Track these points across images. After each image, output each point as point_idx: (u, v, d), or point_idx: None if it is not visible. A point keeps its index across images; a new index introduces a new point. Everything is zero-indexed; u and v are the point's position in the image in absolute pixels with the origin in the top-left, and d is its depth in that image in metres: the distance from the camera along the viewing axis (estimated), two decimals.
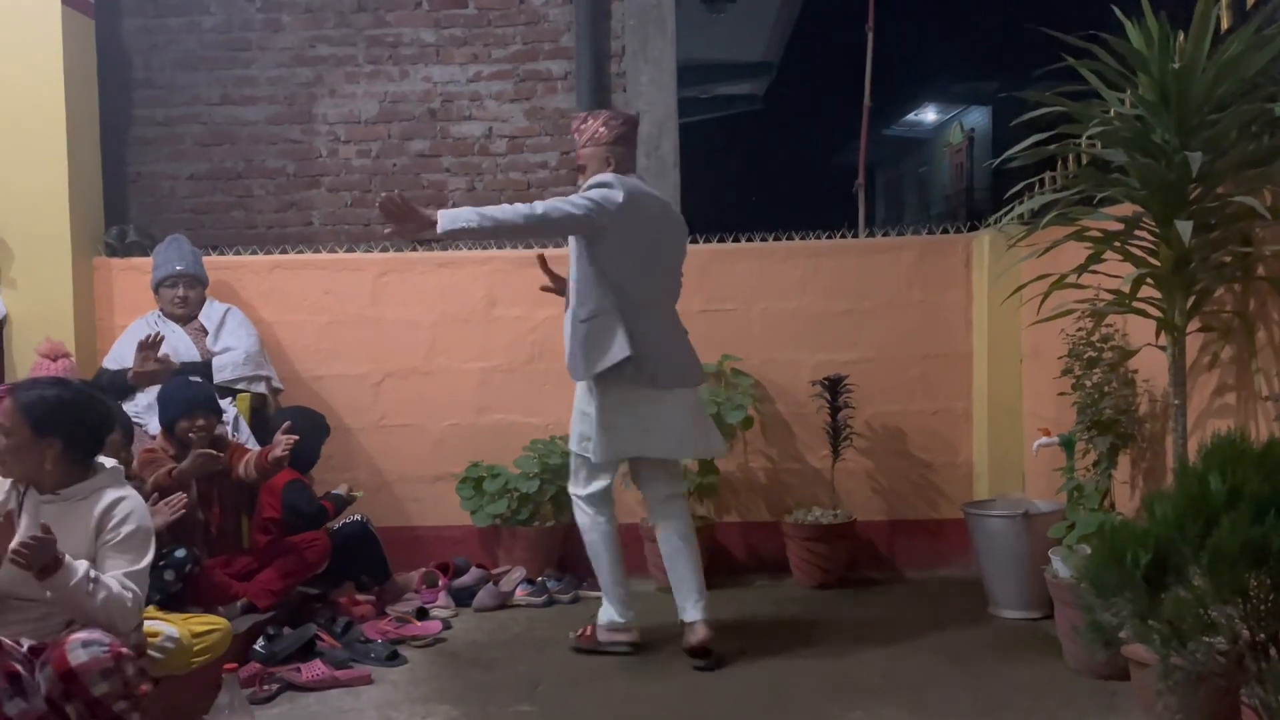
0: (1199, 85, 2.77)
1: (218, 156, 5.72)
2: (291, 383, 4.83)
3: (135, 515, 2.75)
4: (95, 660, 2.41)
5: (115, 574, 2.63)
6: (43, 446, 2.69)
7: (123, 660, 2.47)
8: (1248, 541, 1.75)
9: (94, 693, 2.40)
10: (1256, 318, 2.92)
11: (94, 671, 2.40)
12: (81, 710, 2.41)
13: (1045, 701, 3.15)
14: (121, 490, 2.80)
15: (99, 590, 2.56)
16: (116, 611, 2.59)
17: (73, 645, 2.43)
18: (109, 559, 2.67)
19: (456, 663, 3.71)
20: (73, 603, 2.54)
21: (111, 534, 2.69)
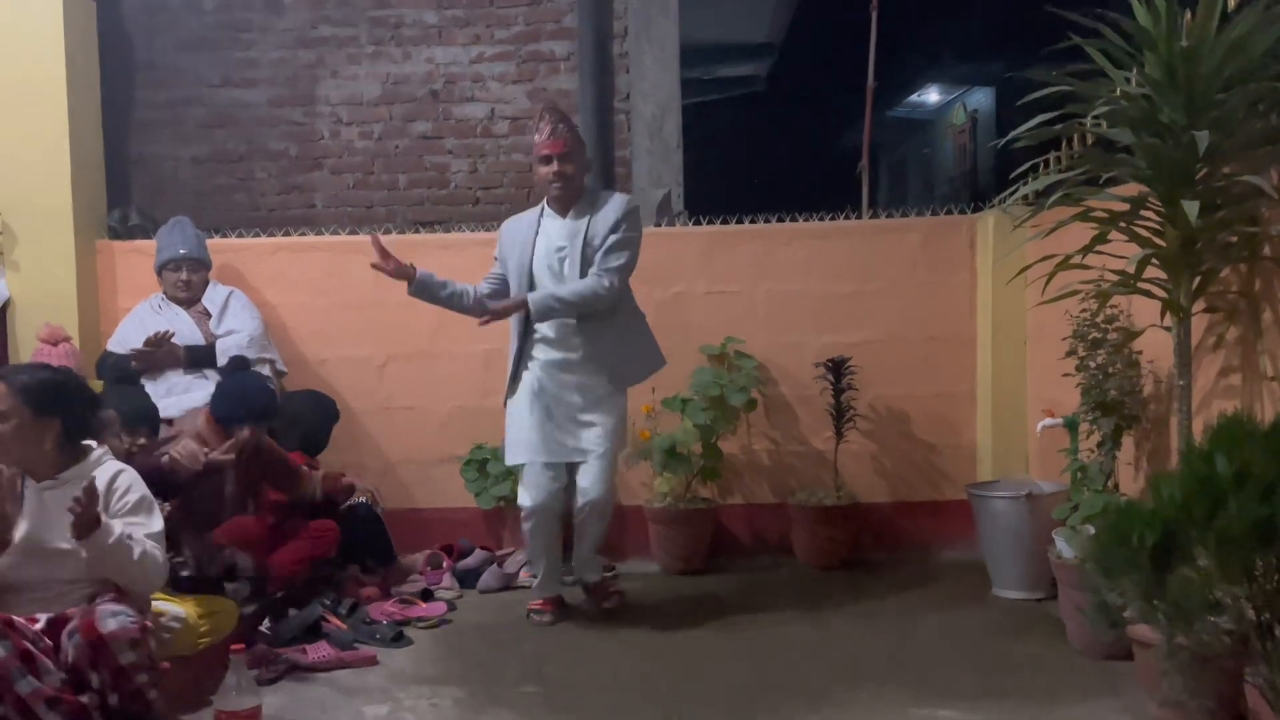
0: (1207, 64, 2.76)
1: (220, 139, 5.71)
2: (295, 366, 4.83)
3: (137, 484, 2.83)
4: (124, 629, 2.46)
5: (140, 534, 2.69)
6: (42, 428, 2.72)
7: (148, 633, 2.54)
8: (1255, 522, 1.75)
9: (120, 661, 2.45)
10: (1262, 298, 2.91)
11: (122, 640, 2.45)
12: (106, 678, 2.45)
13: (1048, 681, 3.15)
14: (117, 465, 2.85)
15: (135, 546, 2.63)
16: (152, 567, 2.68)
17: (102, 614, 2.48)
18: (127, 524, 2.71)
19: (462, 644, 3.73)
20: (113, 561, 2.59)
21: (120, 503, 2.75)
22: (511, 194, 5.72)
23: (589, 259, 3.78)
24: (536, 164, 3.90)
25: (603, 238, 3.77)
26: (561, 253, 3.82)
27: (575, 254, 3.79)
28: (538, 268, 3.85)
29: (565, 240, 3.83)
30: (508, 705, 3.11)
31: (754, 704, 3.05)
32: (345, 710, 3.10)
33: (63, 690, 2.39)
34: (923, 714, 2.93)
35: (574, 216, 3.85)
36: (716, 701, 3.09)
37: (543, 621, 3.88)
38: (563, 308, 3.72)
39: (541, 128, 3.83)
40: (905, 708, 2.98)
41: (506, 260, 3.95)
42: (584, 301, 3.72)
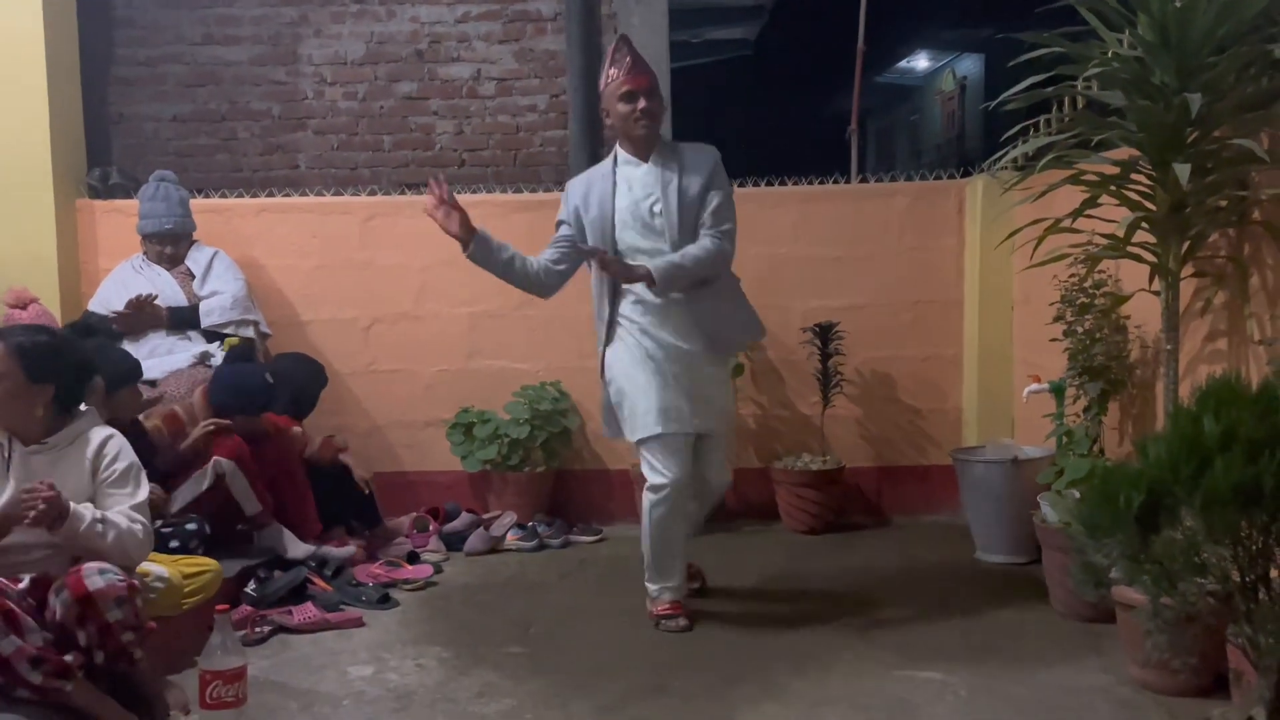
0: (1199, 26, 2.73)
1: (201, 98, 5.64)
2: (280, 327, 4.79)
3: (125, 450, 2.79)
4: (111, 586, 2.45)
5: (120, 509, 2.66)
6: (36, 392, 2.68)
7: (135, 591, 2.52)
8: (1241, 483, 1.75)
9: (108, 618, 2.44)
10: (1250, 262, 2.91)
11: (110, 597, 2.44)
12: (93, 635, 2.44)
13: (1031, 643, 3.18)
14: (105, 430, 2.81)
15: (109, 530, 2.60)
16: (130, 545, 2.64)
17: (89, 571, 2.47)
18: (110, 495, 2.69)
19: (448, 606, 3.73)
20: (86, 546, 2.58)
21: (108, 471, 2.72)
22: (497, 156, 5.67)
23: (686, 211, 3.33)
24: (615, 102, 3.37)
25: (701, 193, 3.35)
26: (652, 200, 3.36)
27: (671, 204, 3.33)
28: (621, 220, 3.38)
29: (655, 188, 3.36)
30: (493, 666, 3.11)
31: (739, 667, 3.07)
32: (331, 671, 3.10)
33: (46, 649, 2.38)
34: (906, 675, 2.95)
35: (656, 163, 3.39)
36: (701, 664, 3.10)
37: (678, 628, 3.37)
38: (687, 275, 3.30)
39: (619, 59, 3.35)
40: (889, 669, 3.00)
41: (582, 218, 3.45)
42: (706, 267, 3.32)
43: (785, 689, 2.90)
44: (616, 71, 3.36)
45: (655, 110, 3.35)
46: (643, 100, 3.32)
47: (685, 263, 3.28)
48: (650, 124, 3.35)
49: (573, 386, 4.84)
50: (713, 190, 3.36)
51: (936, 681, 2.90)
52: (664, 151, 3.41)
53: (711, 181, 3.37)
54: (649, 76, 3.35)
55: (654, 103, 3.34)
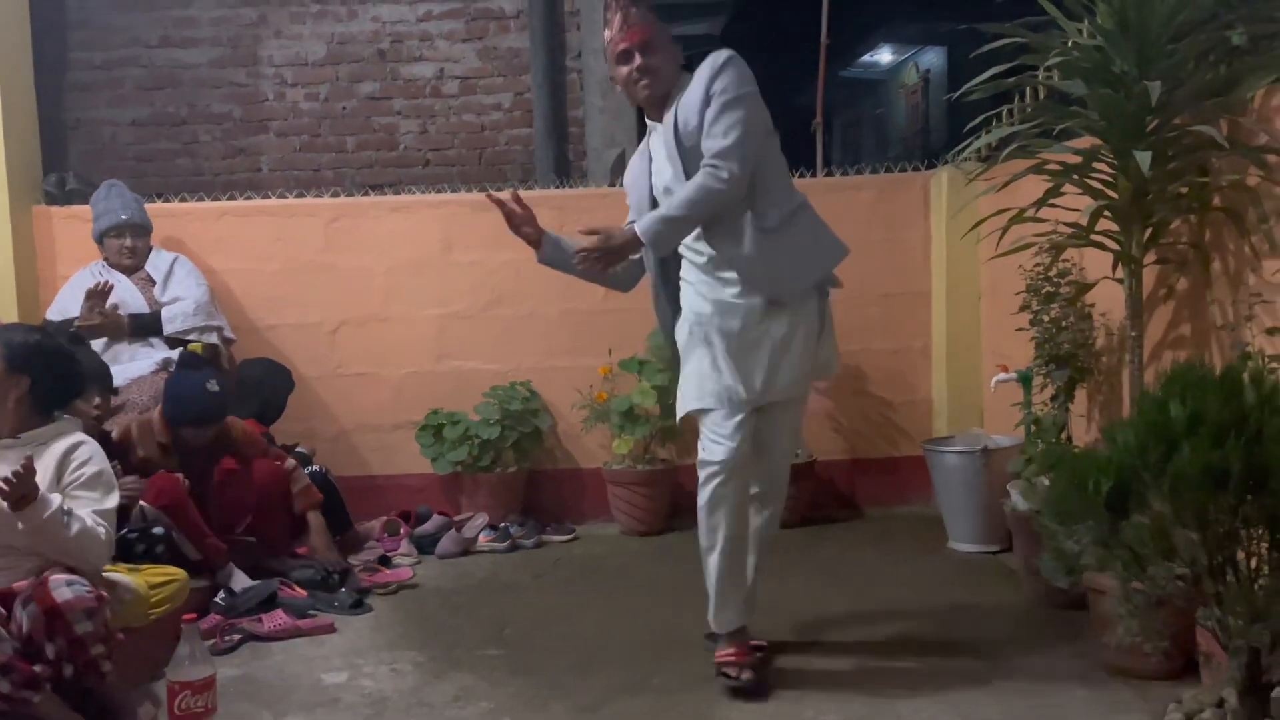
0: (1158, 13, 2.75)
1: (160, 101, 5.57)
2: (244, 333, 4.73)
3: (97, 457, 2.77)
4: (80, 599, 2.43)
5: (85, 510, 2.63)
6: (9, 384, 2.67)
7: (103, 603, 2.50)
8: (1207, 466, 1.76)
9: (77, 630, 2.41)
10: (1212, 248, 2.93)
11: (78, 609, 2.42)
12: (62, 648, 2.41)
13: (1005, 631, 3.20)
14: (80, 436, 2.80)
15: (73, 522, 2.56)
16: (90, 544, 2.60)
17: (56, 583, 2.44)
18: (76, 498, 2.66)
19: (421, 609, 3.70)
20: (47, 535, 2.53)
21: (75, 474, 2.69)
22: (462, 155, 5.64)
23: (691, 154, 2.79)
24: (613, 65, 2.94)
25: (698, 116, 2.76)
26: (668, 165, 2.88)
27: (674, 157, 2.83)
28: (659, 197, 2.90)
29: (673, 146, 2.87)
30: (468, 668, 3.09)
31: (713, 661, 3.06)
32: (303, 678, 3.07)
33: (14, 659, 2.34)
34: (881, 665, 2.96)
35: (672, 117, 2.87)
36: (677, 660, 3.10)
37: (736, 682, 2.82)
38: (675, 226, 2.76)
39: (610, 19, 2.92)
40: (864, 661, 3.01)
41: (631, 201, 3.06)
42: (696, 206, 2.72)
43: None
44: (609, 32, 2.93)
45: (654, 66, 2.84)
46: (638, 57, 2.84)
47: (672, 212, 2.74)
48: (651, 82, 2.86)
49: (543, 386, 4.81)
50: (708, 106, 2.75)
51: (911, 671, 2.91)
52: (677, 95, 2.86)
53: (708, 96, 2.75)
54: (642, 30, 2.84)
55: (651, 58, 2.83)
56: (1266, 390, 1.82)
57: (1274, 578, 1.79)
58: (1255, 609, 1.80)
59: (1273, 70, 2.70)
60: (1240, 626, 1.83)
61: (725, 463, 2.87)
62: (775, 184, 2.89)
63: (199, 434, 3.80)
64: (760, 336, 2.84)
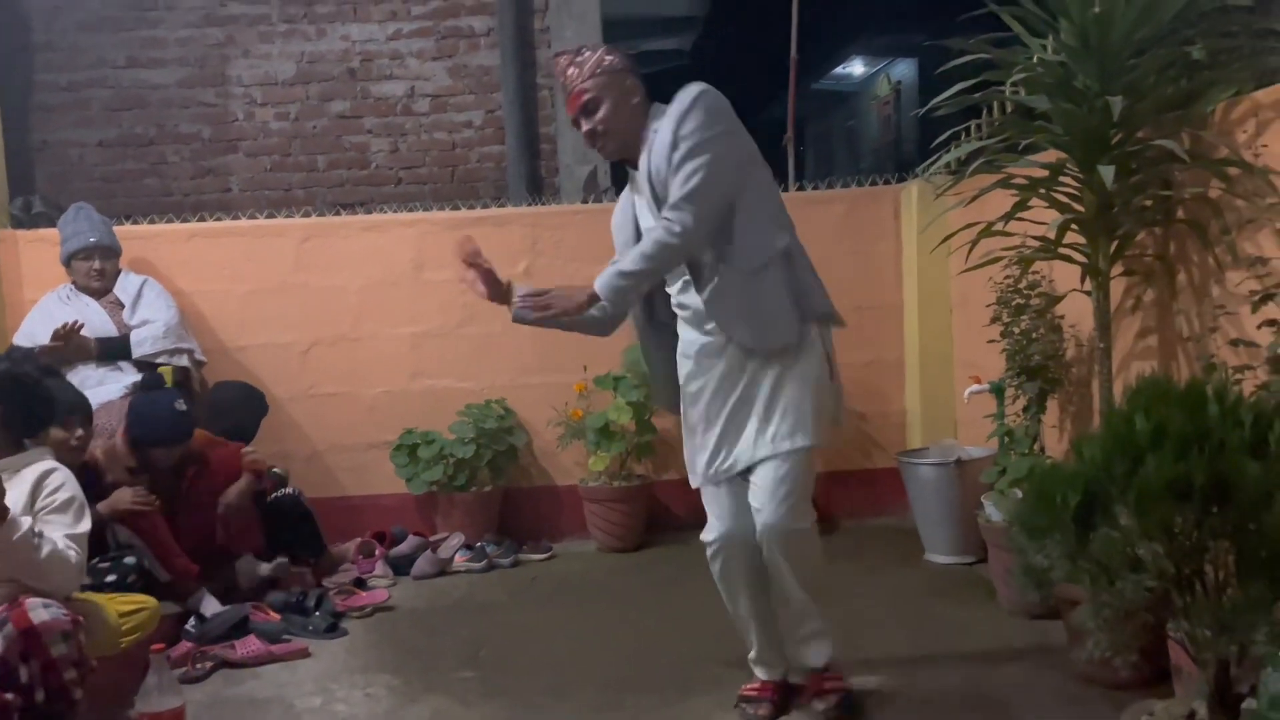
0: (1118, 29, 2.79)
1: (128, 122, 5.53)
2: (215, 354, 4.70)
3: (70, 484, 2.76)
4: (56, 621, 2.41)
5: (58, 534, 2.63)
6: None
7: (78, 626, 2.49)
8: (1172, 479, 1.77)
9: (52, 653, 2.39)
10: (1177, 260, 2.97)
11: (55, 631, 2.40)
12: (35, 672, 2.39)
13: (980, 642, 3.21)
14: (52, 463, 2.79)
15: (44, 544, 2.55)
16: (59, 568, 2.59)
17: (33, 605, 2.42)
18: (48, 523, 2.65)
19: (396, 631, 3.67)
20: (18, 557, 2.52)
21: (48, 499, 2.69)
22: (434, 173, 5.63)
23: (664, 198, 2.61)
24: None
25: (668, 162, 2.58)
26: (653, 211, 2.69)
27: (652, 205, 2.66)
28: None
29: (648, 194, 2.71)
30: (443, 691, 3.07)
31: (691, 678, 3.06)
32: (276, 705, 3.04)
33: None
34: (860, 680, 2.95)
35: (644, 162, 2.71)
36: (654, 678, 3.09)
37: (758, 715, 2.77)
38: (631, 280, 2.58)
39: (560, 84, 2.79)
40: (844, 673, 3.00)
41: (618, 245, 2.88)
42: (651, 260, 2.57)
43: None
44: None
45: (603, 128, 2.68)
46: (584, 123, 2.72)
47: (627, 267, 2.58)
48: (605, 143, 2.72)
49: (517, 403, 4.80)
50: (674, 151, 2.58)
51: (889, 684, 2.91)
52: (650, 135, 2.68)
53: (675, 141, 2.58)
54: (580, 93, 2.68)
55: (599, 118, 2.67)
56: (1229, 403, 1.83)
57: (1240, 590, 1.80)
58: (1223, 621, 1.81)
59: (1232, 84, 2.74)
60: (1208, 639, 1.84)
61: (716, 541, 2.80)
62: (756, 224, 2.65)
63: (167, 454, 3.78)
64: (739, 389, 2.67)
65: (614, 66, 2.69)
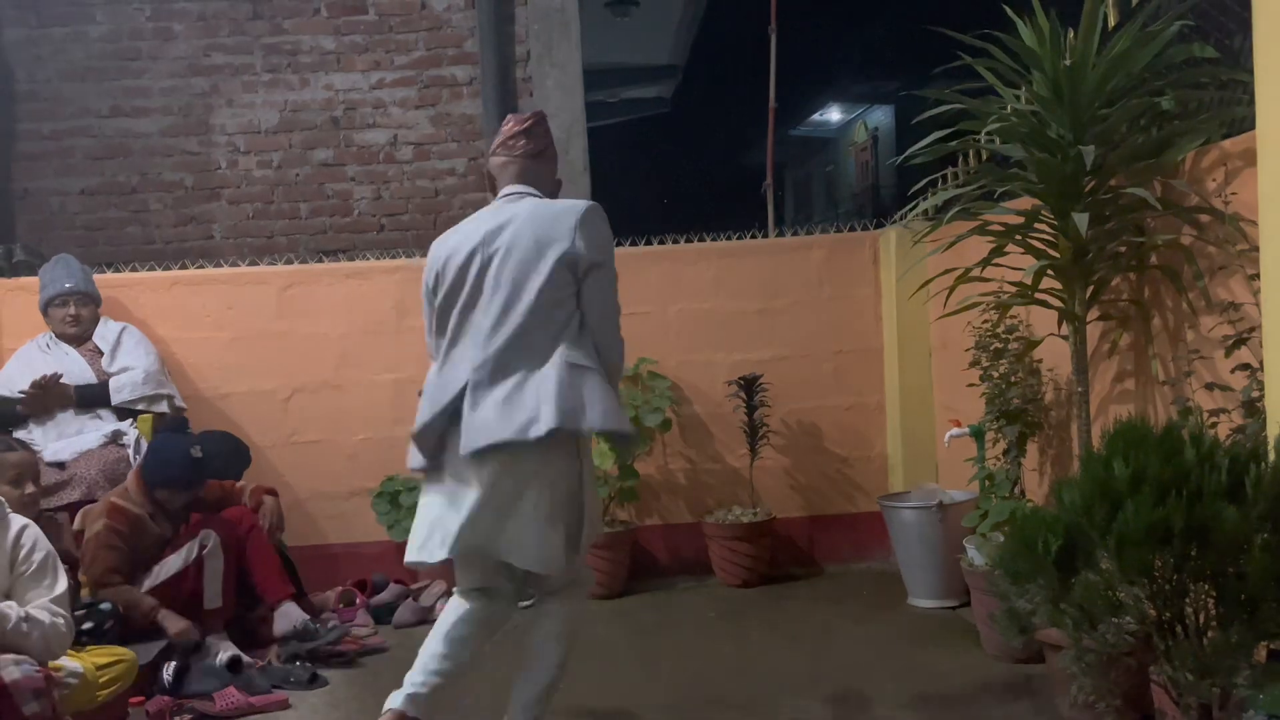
0: (1090, 81, 2.85)
1: (110, 170, 5.54)
2: (195, 402, 4.67)
3: (41, 541, 2.77)
4: (29, 679, 2.41)
5: (40, 603, 2.64)
6: None
7: (52, 683, 2.49)
8: (1151, 523, 1.80)
9: (24, 711, 2.38)
10: (1151, 305, 3.01)
11: (27, 690, 2.40)
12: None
13: (965, 688, 3.20)
14: (19, 520, 2.78)
15: (34, 629, 2.58)
16: (54, 642, 2.64)
17: (4, 663, 2.42)
18: (30, 589, 2.66)
19: (378, 682, 3.62)
20: (10, 644, 2.53)
21: (25, 564, 2.69)
22: (417, 220, 5.66)
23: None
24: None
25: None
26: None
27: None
28: None
29: None
30: None
31: None
32: None
33: None
34: None
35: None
36: None
37: None
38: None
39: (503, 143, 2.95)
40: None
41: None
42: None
43: None
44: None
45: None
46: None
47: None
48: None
49: None
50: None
51: None
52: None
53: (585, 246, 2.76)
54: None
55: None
56: (1205, 448, 1.86)
57: (1221, 633, 1.82)
58: (1204, 664, 1.82)
59: (1201, 134, 2.80)
60: (1190, 682, 1.85)
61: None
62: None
63: (175, 498, 3.79)
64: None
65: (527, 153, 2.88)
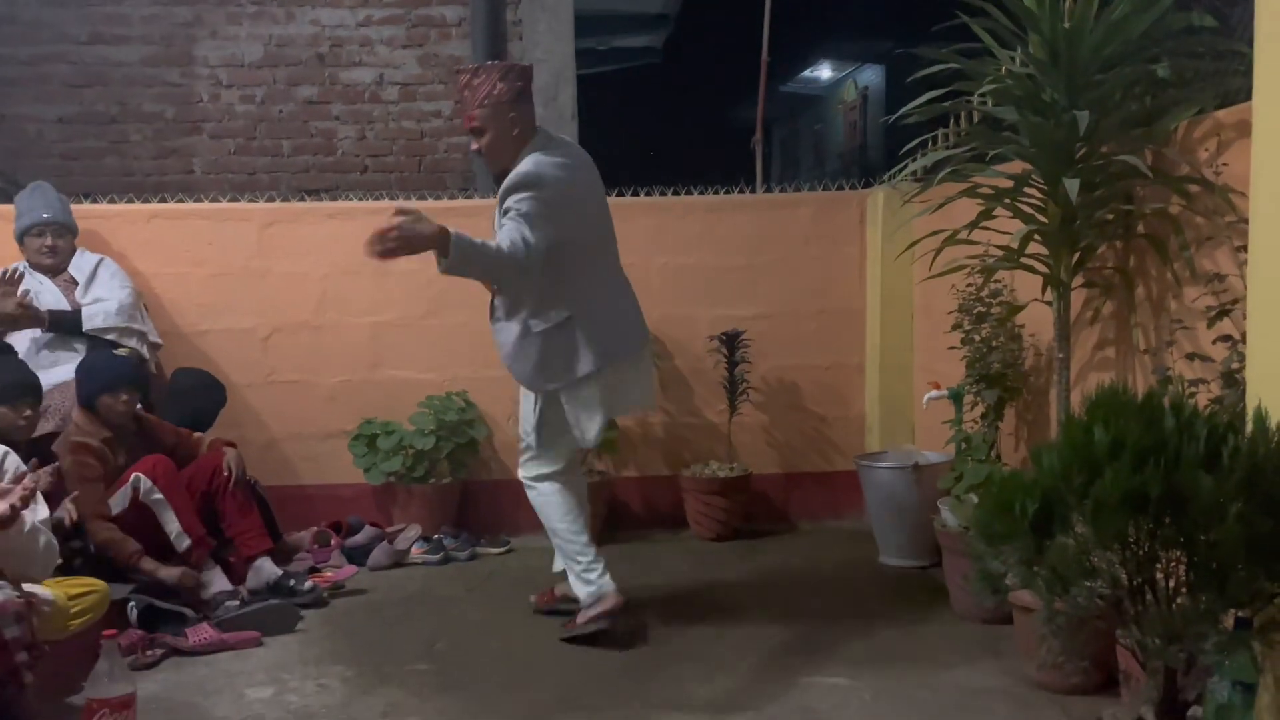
0: (1087, 45, 2.83)
1: (89, 99, 5.43)
2: (172, 338, 4.63)
3: (20, 465, 2.81)
4: (10, 601, 2.41)
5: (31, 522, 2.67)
6: None
7: (31, 608, 2.50)
8: (1128, 490, 1.80)
9: (5, 635, 2.38)
10: (1136, 274, 3.02)
11: (8, 613, 2.39)
12: None
13: (933, 646, 3.24)
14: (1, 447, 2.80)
15: (40, 534, 2.64)
16: (48, 555, 2.72)
17: None
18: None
19: (350, 623, 3.65)
20: (21, 550, 2.60)
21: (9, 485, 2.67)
22: (401, 162, 5.59)
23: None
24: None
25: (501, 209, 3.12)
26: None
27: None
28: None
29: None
30: (398, 684, 3.05)
31: (649, 676, 3.06)
32: (227, 693, 3.00)
33: None
34: (813, 681, 2.98)
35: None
36: (611, 675, 3.09)
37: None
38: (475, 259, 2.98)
39: (458, 99, 3.27)
40: (796, 675, 3.03)
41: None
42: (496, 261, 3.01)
43: (693, 698, 2.90)
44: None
45: (482, 150, 3.18)
46: (473, 141, 3.21)
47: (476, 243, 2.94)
48: (487, 160, 3.23)
49: (479, 396, 4.78)
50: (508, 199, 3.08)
51: (841, 686, 2.94)
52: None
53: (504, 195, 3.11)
54: (469, 119, 3.17)
55: (483, 140, 3.15)
56: (1185, 416, 1.87)
57: (1190, 600, 1.84)
58: (1172, 630, 1.85)
59: (1195, 103, 2.79)
60: (1158, 647, 1.87)
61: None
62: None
63: (116, 403, 3.69)
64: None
65: (501, 98, 3.11)
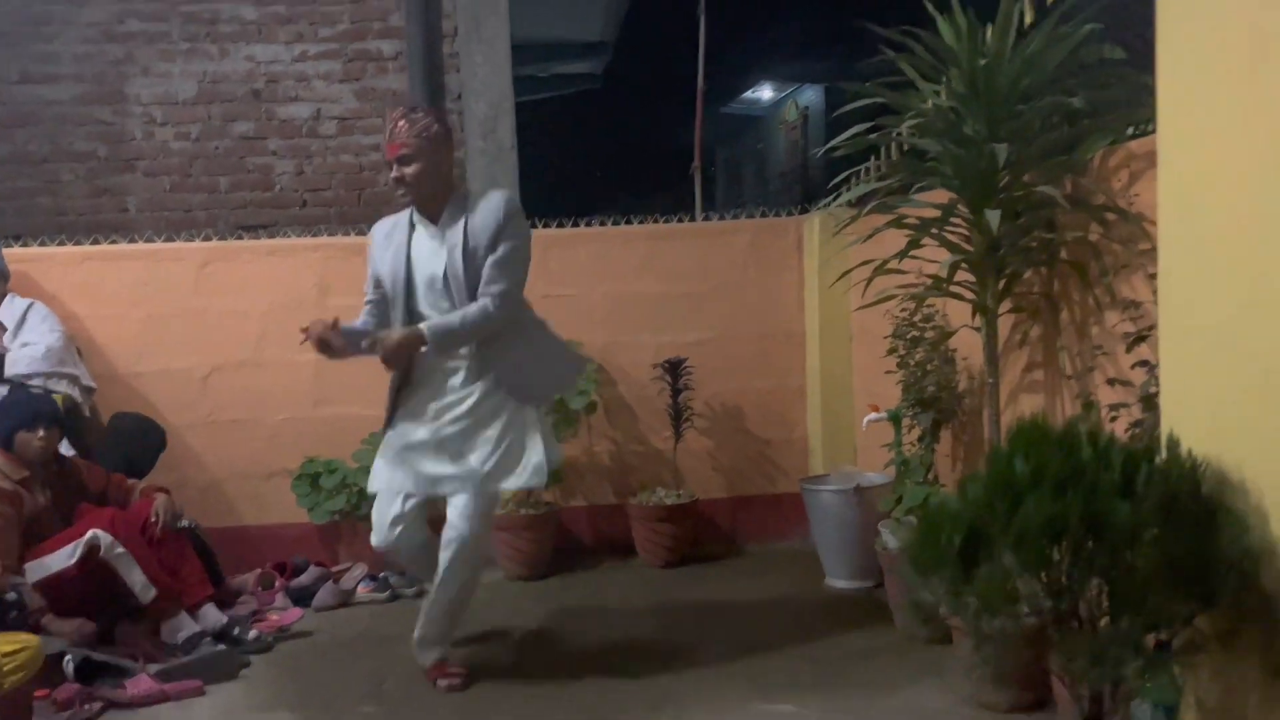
0: (1004, 78, 2.92)
1: (20, 139, 5.36)
2: (108, 381, 4.56)
3: None
4: None
5: None
6: None
7: None
8: (1049, 518, 1.86)
9: None
10: (1060, 299, 3.10)
11: None
12: None
13: (878, 668, 3.28)
14: None
15: None
16: None
17: None
18: None
19: (297, 665, 3.61)
20: None
21: None
22: (340, 196, 5.57)
23: (472, 276, 3.20)
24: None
25: (487, 251, 3.19)
26: (439, 265, 3.24)
27: (457, 269, 3.19)
28: (419, 285, 3.29)
29: (443, 252, 3.23)
30: None
31: (599, 707, 3.07)
32: None
33: None
34: (762, 710, 3.01)
35: (447, 223, 3.24)
36: (562, 707, 3.10)
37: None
38: (459, 339, 3.22)
39: (386, 126, 3.29)
40: (745, 704, 3.05)
41: (381, 277, 3.36)
42: (474, 330, 3.20)
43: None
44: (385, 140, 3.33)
45: (406, 178, 3.20)
46: (395, 168, 3.22)
47: (457, 325, 3.17)
48: (406, 191, 3.23)
49: None
50: (500, 243, 3.20)
51: (790, 714, 2.97)
52: (454, 209, 3.25)
53: (498, 235, 3.19)
54: (400, 145, 3.18)
55: (406, 168, 3.19)
56: (1102, 445, 1.93)
57: (1111, 624, 1.90)
58: (1096, 654, 1.90)
59: (1109, 133, 2.89)
60: (1083, 670, 1.93)
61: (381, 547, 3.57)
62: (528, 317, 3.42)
63: (33, 439, 3.64)
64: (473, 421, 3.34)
65: (437, 135, 3.23)
